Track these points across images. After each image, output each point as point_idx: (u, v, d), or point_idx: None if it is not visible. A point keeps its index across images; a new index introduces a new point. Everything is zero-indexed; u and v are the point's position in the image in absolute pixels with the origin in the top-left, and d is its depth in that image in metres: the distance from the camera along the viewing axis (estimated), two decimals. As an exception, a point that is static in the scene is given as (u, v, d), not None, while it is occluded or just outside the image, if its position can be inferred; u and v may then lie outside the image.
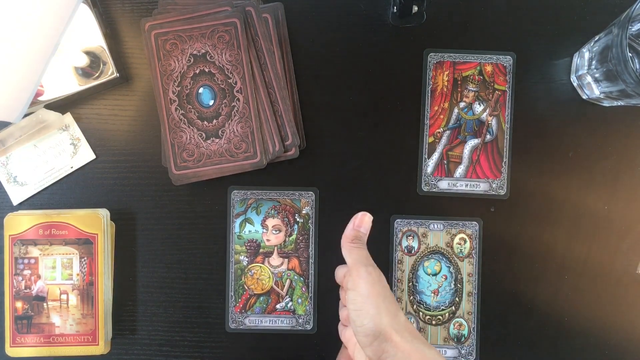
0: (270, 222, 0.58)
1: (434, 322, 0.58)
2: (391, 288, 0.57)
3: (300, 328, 0.58)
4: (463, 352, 0.57)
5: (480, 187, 0.58)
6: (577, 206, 0.58)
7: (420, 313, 0.58)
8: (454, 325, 0.58)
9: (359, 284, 0.42)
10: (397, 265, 0.58)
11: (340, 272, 0.48)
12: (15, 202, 0.58)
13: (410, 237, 0.58)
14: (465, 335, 0.58)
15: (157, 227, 0.58)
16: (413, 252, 0.58)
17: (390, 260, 0.58)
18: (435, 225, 0.58)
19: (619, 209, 0.57)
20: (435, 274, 0.58)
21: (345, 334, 0.46)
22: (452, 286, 0.58)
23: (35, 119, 0.55)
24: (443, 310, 0.58)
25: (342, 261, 0.45)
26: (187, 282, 0.58)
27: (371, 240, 0.46)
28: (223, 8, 0.55)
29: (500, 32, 0.58)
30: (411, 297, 0.58)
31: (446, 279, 0.58)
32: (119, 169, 0.58)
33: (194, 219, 0.58)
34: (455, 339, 0.58)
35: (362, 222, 0.46)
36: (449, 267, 0.58)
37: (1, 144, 0.56)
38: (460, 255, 0.58)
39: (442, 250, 0.58)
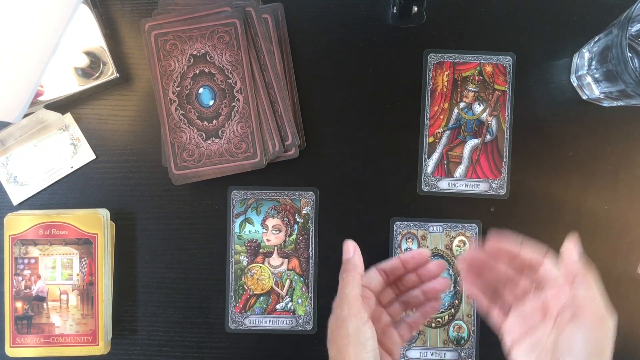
0: (270, 222, 0.58)
1: (433, 325, 0.58)
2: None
3: (300, 328, 0.58)
4: (463, 354, 0.57)
5: (480, 187, 0.58)
6: (577, 206, 0.58)
7: (420, 313, 0.58)
8: (454, 328, 0.58)
9: None
10: (397, 265, 0.58)
11: None
12: (15, 202, 0.58)
13: (409, 240, 0.58)
14: (465, 338, 0.57)
15: (157, 227, 0.58)
16: (413, 252, 0.58)
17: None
18: (435, 228, 0.58)
19: (619, 209, 0.57)
20: (435, 275, 0.58)
21: None
22: (452, 288, 0.58)
23: (36, 119, 0.55)
24: (442, 312, 0.58)
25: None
26: (187, 282, 0.58)
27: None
28: (223, 8, 0.55)
29: (500, 32, 0.58)
30: (411, 298, 0.58)
31: (446, 279, 0.58)
32: (119, 169, 0.58)
33: (194, 219, 0.58)
34: (455, 342, 0.57)
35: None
36: (448, 270, 0.58)
37: (1, 144, 0.56)
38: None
39: (442, 253, 0.58)
